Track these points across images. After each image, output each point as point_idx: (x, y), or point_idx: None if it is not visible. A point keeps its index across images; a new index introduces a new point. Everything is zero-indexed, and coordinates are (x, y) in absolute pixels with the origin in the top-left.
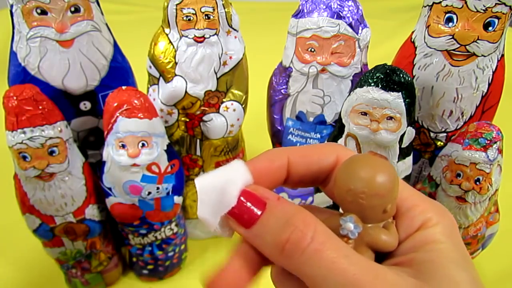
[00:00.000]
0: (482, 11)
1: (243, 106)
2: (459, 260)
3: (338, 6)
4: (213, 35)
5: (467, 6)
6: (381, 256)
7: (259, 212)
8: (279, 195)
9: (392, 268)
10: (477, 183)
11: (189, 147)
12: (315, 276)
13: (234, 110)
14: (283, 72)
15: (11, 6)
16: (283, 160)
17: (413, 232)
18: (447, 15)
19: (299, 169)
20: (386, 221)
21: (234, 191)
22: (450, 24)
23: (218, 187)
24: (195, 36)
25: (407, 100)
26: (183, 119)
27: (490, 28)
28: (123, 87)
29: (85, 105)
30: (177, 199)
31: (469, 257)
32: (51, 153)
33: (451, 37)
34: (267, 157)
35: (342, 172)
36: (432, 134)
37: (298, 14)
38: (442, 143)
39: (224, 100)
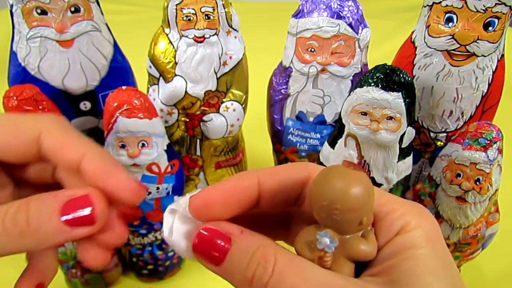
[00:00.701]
0: (482, 11)
1: (243, 106)
2: (438, 268)
3: (338, 6)
4: (213, 35)
5: (467, 6)
6: (362, 265)
7: (225, 249)
8: (242, 228)
9: (365, 281)
10: (477, 183)
11: (189, 147)
12: None
13: (234, 110)
14: (283, 72)
15: (11, 6)
16: (252, 179)
17: (392, 237)
18: (447, 15)
19: (269, 187)
20: (364, 229)
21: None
22: (450, 24)
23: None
24: (195, 36)
25: (407, 100)
26: (183, 119)
27: (490, 28)
28: (123, 87)
29: (85, 105)
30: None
31: (451, 262)
32: None
33: (451, 37)
34: (236, 177)
35: (315, 186)
36: (432, 134)
37: (298, 14)
38: (442, 143)
39: (224, 100)
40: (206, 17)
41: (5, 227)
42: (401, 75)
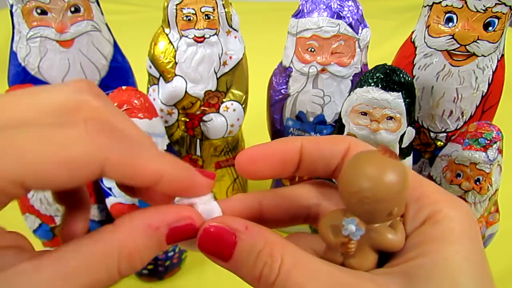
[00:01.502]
0: (482, 11)
1: (243, 106)
2: (468, 271)
3: (338, 6)
4: (213, 35)
5: (467, 6)
6: (386, 256)
7: (232, 245)
8: (247, 224)
9: (378, 274)
10: (477, 183)
11: (189, 147)
12: None
13: (234, 110)
14: (283, 72)
15: (11, 6)
16: (296, 143)
17: (419, 225)
18: (447, 15)
19: (311, 153)
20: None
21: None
22: (450, 24)
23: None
24: (195, 36)
25: (407, 100)
26: (183, 119)
27: (490, 28)
28: (123, 87)
29: None
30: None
31: (484, 261)
32: None
33: (451, 37)
34: (281, 139)
35: (347, 171)
36: (432, 134)
37: (298, 14)
38: (442, 143)
39: (224, 100)
40: (206, 17)
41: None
42: (401, 75)
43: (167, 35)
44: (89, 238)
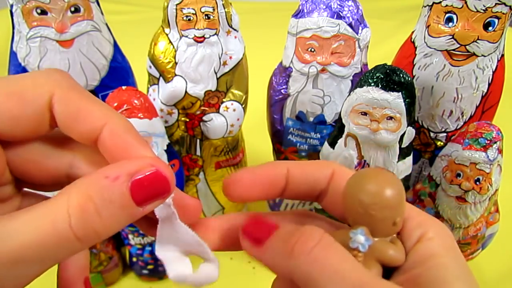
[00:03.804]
0: (482, 11)
1: (243, 106)
2: (462, 275)
3: (338, 6)
4: (213, 35)
5: (467, 6)
6: (387, 272)
7: (272, 230)
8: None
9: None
10: (477, 183)
11: (189, 147)
12: (320, 278)
13: (234, 110)
14: (283, 72)
15: (11, 6)
16: (282, 168)
17: (413, 244)
18: (447, 15)
19: (296, 178)
20: (392, 236)
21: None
22: (450, 24)
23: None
24: (195, 36)
25: (407, 100)
26: (183, 119)
27: (490, 28)
28: (123, 87)
29: None
30: None
31: (469, 270)
32: None
33: (451, 37)
34: (268, 164)
35: (352, 184)
36: (432, 134)
37: (298, 14)
38: (442, 143)
39: (224, 100)
40: (206, 17)
41: (82, 227)
42: (401, 75)
43: (167, 35)
44: (47, 201)
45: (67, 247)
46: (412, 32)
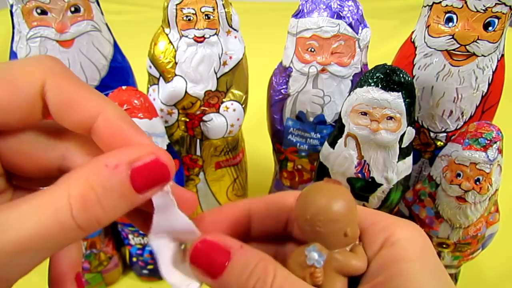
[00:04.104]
0: (482, 11)
1: (243, 106)
2: (429, 281)
3: (338, 6)
4: (213, 35)
5: (467, 6)
6: (355, 280)
7: (224, 262)
8: (241, 243)
9: None
10: (477, 183)
11: (189, 147)
12: None
13: (234, 110)
14: (283, 72)
15: (11, 6)
16: (244, 205)
17: (377, 250)
18: (447, 15)
19: (259, 212)
20: (353, 243)
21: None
22: (450, 24)
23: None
24: (195, 36)
25: (407, 100)
26: (183, 119)
27: (490, 28)
28: (123, 87)
29: None
30: None
31: (442, 273)
32: None
33: (451, 37)
34: (229, 204)
35: (298, 203)
36: (432, 134)
37: (298, 14)
38: (442, 143)
39: (224, 100)
40: (206, 17)
41: (83, 216)
42: (401, 75)
43: (167, 35)
44: (46, 190)
45: (69, 236)
46: (412, 32)
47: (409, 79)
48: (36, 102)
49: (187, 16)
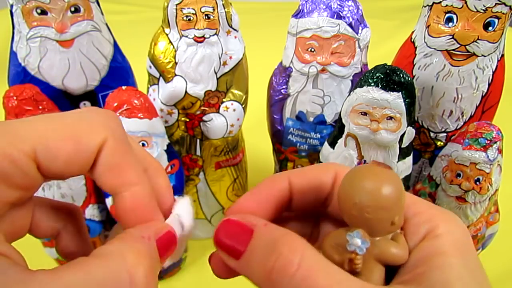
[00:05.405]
0: (482, 11)
1: (243, 106)
2: (467, 277)
3: (338, 6)
4: (213, 35)
5: (467, 6)
6: (392, 269)
7: (247, 240)
8: (266, 221)
9: None
10: (477, 183)
11: (189, 147)
12: None
13: (234, 110)
14: (283, 72)
15: (11, 6)
16: (284, 181)
17: (419, 241)
18: (447, 15)
19: (300, 188)
20: (394, 232)
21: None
22: (450, 24)
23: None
24: (195, 36)
25: (407, 100)
26: (183, 119)
27: (490, 28)
28: (123, 87)
29: (85, 105)
30: None
31: (480, 271)
32: None
33: (451, 37)
34: (269, 180)
35: (345, 185)
36: (432, 134)
37: (298, 14)
38: (442, 143)
39: (224, 100)
40: (206, 17)
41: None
42: (401, 75)
43: (167, 35)
44: (97, 260)
45: None
46: (412, 32)
47: (409, 79)
48: (91, 158)
49: (187, 16)
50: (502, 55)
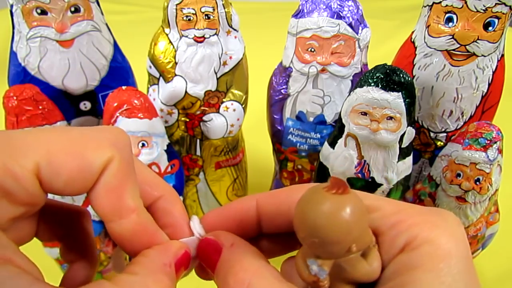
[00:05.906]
0: (482, 11)
1: (243, 106)
2: None
3: (338, 6)
4: (213, 35)
5: (467, 6)
6: (370, 285)
7: (217, 258)
8: (235, 240)
9: None
10: (477, 183)
11: (189, 147)
12: None
13: (234, 110)
14: (283, 72)
15: (11, 6)
16: (251, 200)
17: (396, 253)
18: (447, 15)
19: (268, 210)
20: (367, 247)
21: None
22: (450, 24)
23: None
24: (195, 36)
25: (407, 100)
26: (183, 119)
27: (490, 28)
28: (123, 87)
29: (85, 105)
30: None
31: (462, 283)
32: None
33: (451, 37)
34: (236, 201)
35: (295, 215)
36: (432, 134)
37: (298, 14)
38: (442, 143)
39: (224, 100)
40: (206, 17)
41: None
42: (401, 75)
43: (167, 35)
44: None
45: None
46: (412, 32)
47: (409, 79)
48: (95, 178)
49: (187, 16)
50: (502, 55)
